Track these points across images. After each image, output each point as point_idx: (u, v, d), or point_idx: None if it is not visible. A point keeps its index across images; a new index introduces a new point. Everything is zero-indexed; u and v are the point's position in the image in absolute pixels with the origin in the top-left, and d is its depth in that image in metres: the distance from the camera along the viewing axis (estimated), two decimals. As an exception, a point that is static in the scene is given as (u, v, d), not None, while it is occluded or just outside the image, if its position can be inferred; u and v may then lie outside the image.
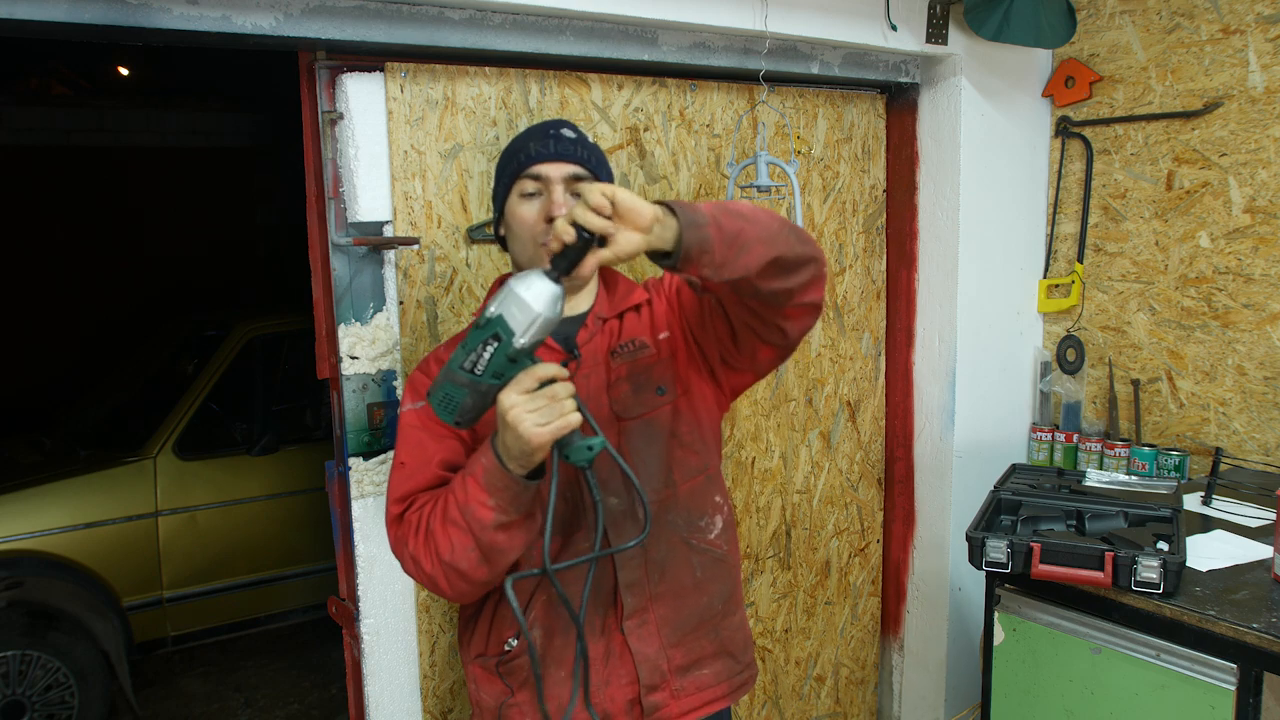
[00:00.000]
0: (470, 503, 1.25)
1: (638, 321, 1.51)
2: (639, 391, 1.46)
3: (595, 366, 1.45)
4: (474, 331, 1.19)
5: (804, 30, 2.15)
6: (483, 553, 1.27)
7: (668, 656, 1.46)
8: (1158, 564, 1.67)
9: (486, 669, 1.47)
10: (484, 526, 1.25)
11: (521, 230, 1.42)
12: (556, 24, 1.91)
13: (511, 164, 1.44)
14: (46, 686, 3.27)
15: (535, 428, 1.18)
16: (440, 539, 1.28)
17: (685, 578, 1.48)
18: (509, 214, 1.45)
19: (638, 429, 1.45)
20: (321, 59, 1.76)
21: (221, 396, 3.90)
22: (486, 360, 1.18)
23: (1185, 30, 2.37)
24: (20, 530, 3.35)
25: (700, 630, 1.49)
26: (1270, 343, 2.29)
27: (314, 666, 4.09)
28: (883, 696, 2.86)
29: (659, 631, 1.46)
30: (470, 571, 1.29)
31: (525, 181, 1.42)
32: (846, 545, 2.67)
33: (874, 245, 2.62)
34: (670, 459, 1.47)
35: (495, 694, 1.47)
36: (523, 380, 1.19)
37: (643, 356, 1.47)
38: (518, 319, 1.16)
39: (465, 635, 1.52)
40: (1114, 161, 2.55)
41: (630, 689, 1.44)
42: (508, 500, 1.24)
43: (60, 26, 1.49)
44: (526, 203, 1.42)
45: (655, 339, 1.49)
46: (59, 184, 6.39)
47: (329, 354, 1.87)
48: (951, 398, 2.57)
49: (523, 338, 1.17)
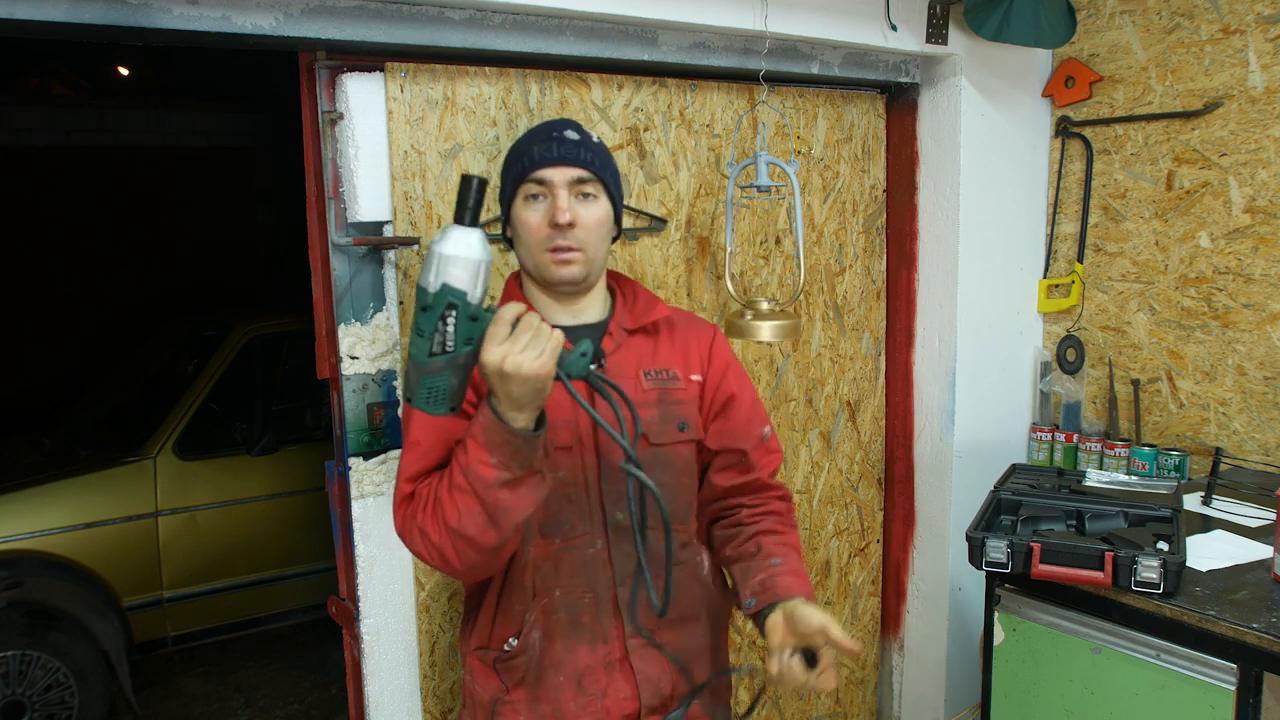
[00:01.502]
0: (472, 463, 1.24)
1: (670, 350, 1.53)
2: (665, 422, 1.48)
3: (623, 379, 1.44)
4: (422, 315, 1.16)
5: (804, 30, 2.15)
6: (489, 515, 1.25)
7: (672, 682, 1.48)
8: (1158, 564, 1.67)
9: (485, 663, 1.47)
10: (487, 485, 1.24)
11: (527, 235, 1.42)
12: (556, 24, 1.91)
13: (515, 167, 1.44)
14: (46, 686, 3.27)
15: (536, 362, 1.17)
16: (448, 506, 1.27)
17: (690, 607, 1.52)
18: (515, 218, 1.44)
19: (660, 458, 1.48)
20: (321, 59, 1.76)
21: (221, 396, 3.90)
22: (452, 332, 1.16)
23: (1185, 30, 2.37)
24: (20, 530, 3.35)
25: (699, 662, 1.52)
26: (1270, 343, 2.29)
27: (314, 666, 4.09)
28: (883, 696, 2.86)
29: (666, 656, 1.48)
30: (478, 536, 1.26)
31: (529, 185, 1.42)
32: (846, 545, 2.67)
33: (874, 245, 2.62)
34: (682, 494, 1.51)
35: (491, 689, 1.47)
36: (497, 331, 1.18)
37: (673, 389, 1.50)
38: (462, 277, 1.14)
39: (467, 626, 1.52)
40: (1114, 161, 2.55)
41: (629, 704, 1.45)
42: (509, 455, 1.23)
43: (60, 26, 1.49)
44: (531, 206, 1.42)
45: (686, 377, 1.52)
46: (59, 184, 6.39)
47: (329, 354, 1.87)
48: (951, 398, 2.57)
49: (477, 289, 1.15)
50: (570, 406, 1.40)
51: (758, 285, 2.37)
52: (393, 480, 1.85)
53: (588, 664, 1.44)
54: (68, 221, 6.46)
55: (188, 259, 6.76)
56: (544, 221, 1.40)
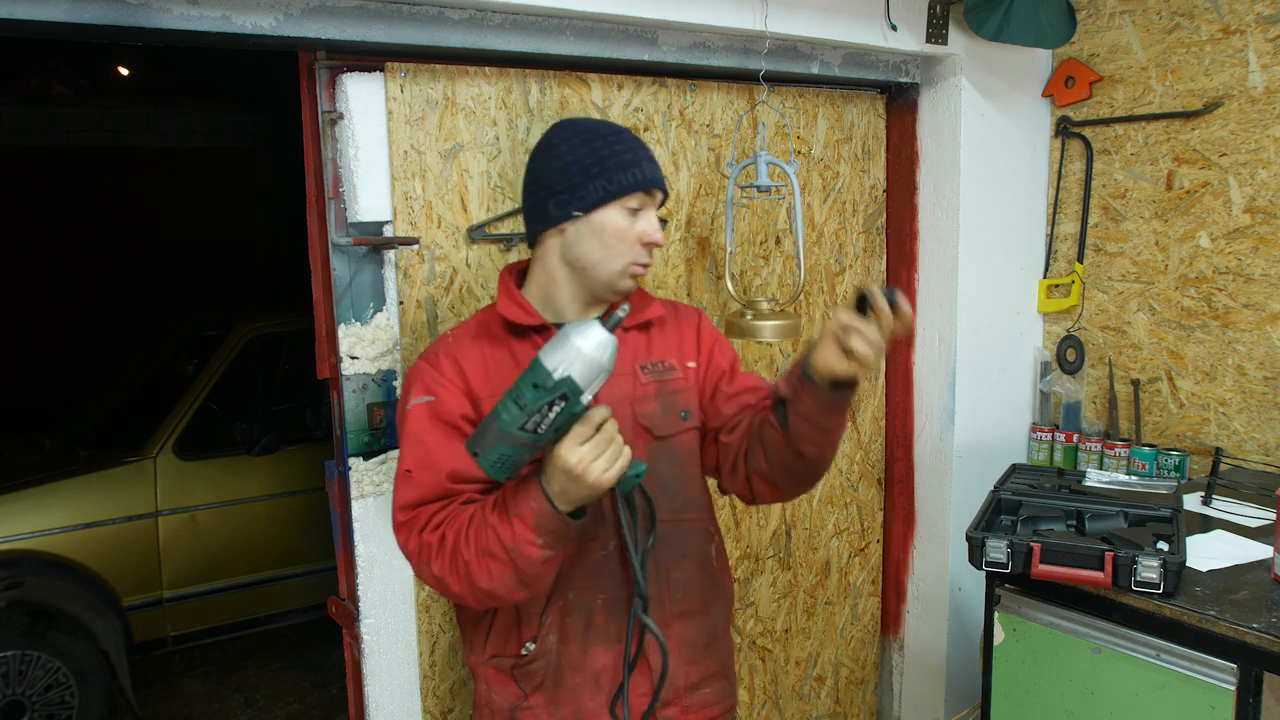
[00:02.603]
0: (519, 543, 1.26)
1: (664, 341, 1.55)
2: (666, 413, 1.50)
3: (620, 377, 1.47)
4: (532, 391, 1.16)
5: (804, 30, 2.15)
6: (523, 582, 1.30)
7: (685, 674, 1.50)
8: (1158, 564, 1.67)
9: (501, 670, 1.48)
10: (531, 562, 1.27)
11: (618, 243, 1.44)
12: (556, 24, 1.91)
13: (623, 175, 1.43)
14: (46, 686, 3.27)
15: (603, 474, 1.20)
16: (477, 570, 1.28)
17: (699, 599, 1.54)
18: (604, 222, 1.43)
19: (664, 449, 1.50)
20: (321, 59, 1.76)
21: (221, 396, 3.90)
22: (551, 420, 1.18)
23: (1185, 30, 2.37)
24: (20, 530, 3.35)
25: (708, 650, 1.55)
26: (1270, 343, 2.29)
27: (314, 666, 4.09)
28: (883, 696, 2.86)
29: (678, 649, 1.50)
30: (507, 595, 1.31)
31: (639, 197, 1.45)
32: (846, 545, 2.67)
33: (874, 245, 2.62)
34: (690, 483, 1.54)
35: (509, 696, 1.48)
36: (582, 431, 1.20)
37: (671, 379, 1.52)
38: (587, 376, 1.16)
39: (477, 637, 1.51)
40: (1114, 161, 2.55)
41: (644, 700, 1.47)
42: (557, 539, 1.27)
43: (60, 26, 1.49)
44: (630, 217, 1.44)
45: (683, 365, 1.55)
46: (59, 184, 6.39)
47: (329, 354, 1.87)
48: (951, 398, 2.57)
49: (589, 392, 1.18)
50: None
51: (758, 285, 2.37)
52: (392, 480, 1.85)
53: (604, 664, 1.45)
54: (68, 221, 6.46)
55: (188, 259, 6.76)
56: (638, 236, 1.44)
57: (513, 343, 1.47)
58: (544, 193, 1.46)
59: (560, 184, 1.44)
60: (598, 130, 1.48)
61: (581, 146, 1.45)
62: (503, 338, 1.47)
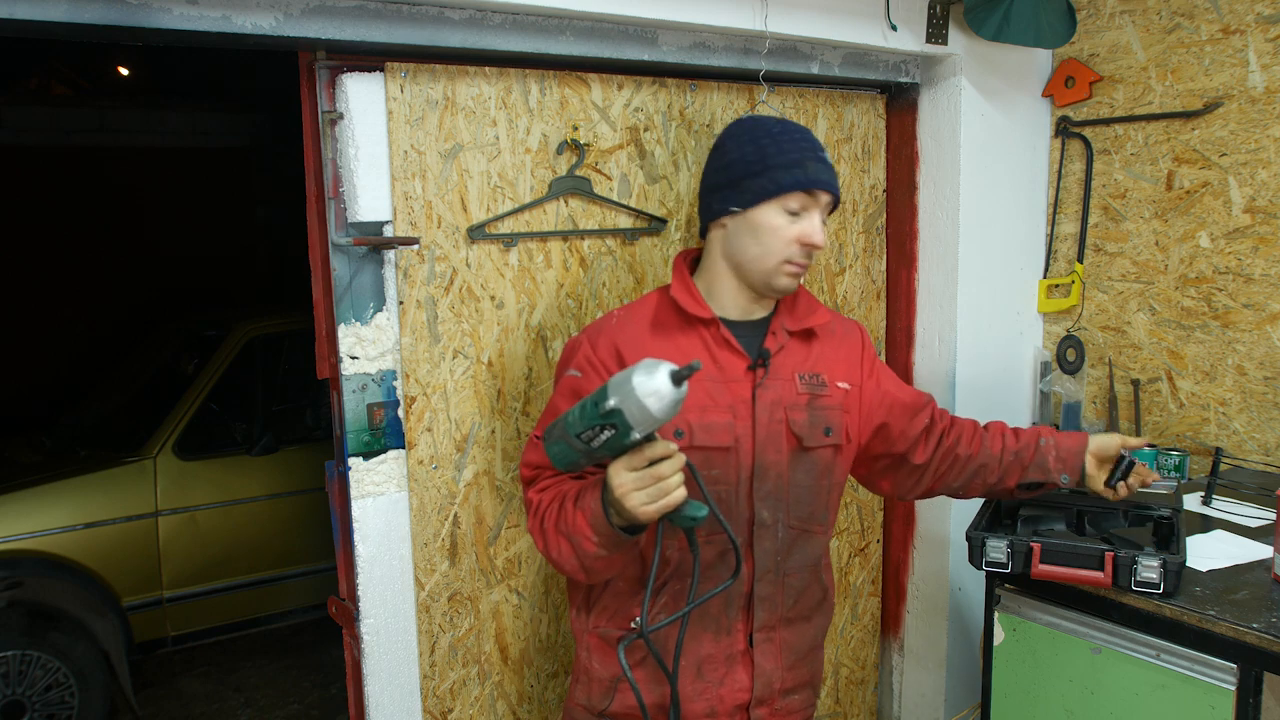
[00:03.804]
0: (577, 534, 1.33)
1: (823, 355, 1.58)
2: (814, 426, 1.53)
3: (778, 380, 1.51)
4: (592, 407, 1.19)
5: (804, 30, 2.15)
6: (584, 567, 1.37)
7: (782, 678, 1.55)
8: (1158, 564, 1.67)
9: (607, 641, 1.52)
10: (586, 554, 1.34)
11: (774, 242, 1.45)
12: (556, 24, 1.91)
13: (783, 175, 1.44)
14: (46, 686, 3.27)
15: (641, 506, 1.22)
16: (552, 542, 1.39)
17: (809, 608, 1.59)
18: (761, 220, 1.45)
19: (805, 459, 1.53)
20: (321, 59, 1.76)
21: (221, 396, 3.90)
22: (601, 442, 1.20)
23: (1185, 30, 2.37)
24: (20, 530, 3.36)
25: (806, 658, 1.60)
26: (1270, 343, 2.29)
27: (314, 666, 4.09)
28: (883, 696, 2.86)
29: (780, 652, 1.54)
30: (572, 574, 1.41)
31: (800, 197, 1.45)
32: (846, 545, 2.67)
33: (874, 245, 2.62)
34: (822, 498, 1.57)
35: (611, 667, 1.52)
36: (633, 461, 1.22)
37: (821, 394, 1.55)
38: (637, 417, 1.17)
39: (588, 601, 1.56)
40: (1114, 161, 2.55)
41: (742, 695, 1.51)
42: (608, 542, 1.31)
43: (60, 26, 1.48)
44: (788, 216, 1.45)
45: (834, 384, 1.57)
46: (59, 184, 6.39)
47: (329, 354, 1.87)
48: (952, 398, 2.57)
49: (637, 433, 1.18)
50: (729, 408, 1.47)
51: (758, 285, 2.37)
52: (392, 480, 1.87)
53: (709, 653, 1.49)
54: (68, 221, 6.47)
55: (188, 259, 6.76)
56: (795, 236, 1.45)
57: (680, 333, 1.50)
58: (710, 187, 1.52)
59: (724, 180, 1.49)
60: (768, 129, 1.50)
61: (749, 144, 1.49)
62: (671, 326, 1.50)
